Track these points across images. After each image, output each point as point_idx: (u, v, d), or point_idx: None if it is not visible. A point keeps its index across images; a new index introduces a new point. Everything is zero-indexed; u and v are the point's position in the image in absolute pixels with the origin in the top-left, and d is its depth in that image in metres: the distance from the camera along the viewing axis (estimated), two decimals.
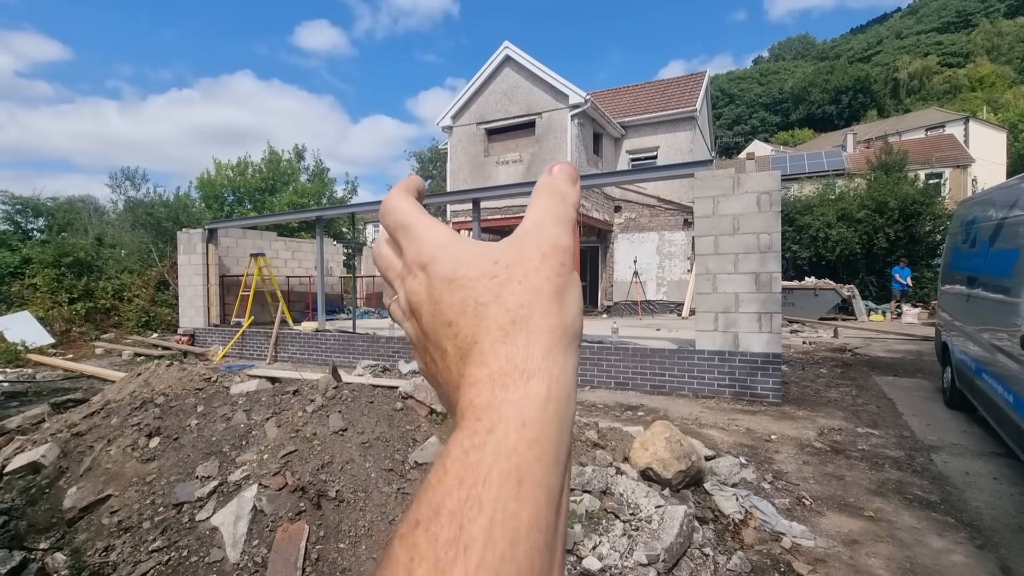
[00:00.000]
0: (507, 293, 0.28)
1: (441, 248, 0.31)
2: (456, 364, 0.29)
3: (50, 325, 13.24)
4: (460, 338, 0.28)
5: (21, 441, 4.23)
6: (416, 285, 0.31)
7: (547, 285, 0.29)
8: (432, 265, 0.31)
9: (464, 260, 0.30)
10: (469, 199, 9.48)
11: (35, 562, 2.90)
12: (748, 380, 6.48)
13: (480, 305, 0.28)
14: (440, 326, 0.29)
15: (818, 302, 14.93)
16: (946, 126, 34.14)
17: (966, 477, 4.10)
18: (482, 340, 0.28)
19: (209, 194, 23.27)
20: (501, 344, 0.27)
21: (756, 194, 6.39)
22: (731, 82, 72.48)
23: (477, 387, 0.26)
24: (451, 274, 0.30)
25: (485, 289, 0.29)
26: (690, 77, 19.29)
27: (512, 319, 0.28)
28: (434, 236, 0.32)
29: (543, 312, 0.28)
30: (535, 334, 0.27)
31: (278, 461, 3.12)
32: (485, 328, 0.28)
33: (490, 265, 0.29)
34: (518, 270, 0.29)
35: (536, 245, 0.30)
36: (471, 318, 0.28)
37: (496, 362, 0.27)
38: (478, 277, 0.29)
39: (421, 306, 0.31)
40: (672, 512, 2.99)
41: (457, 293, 0.29)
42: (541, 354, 0.27)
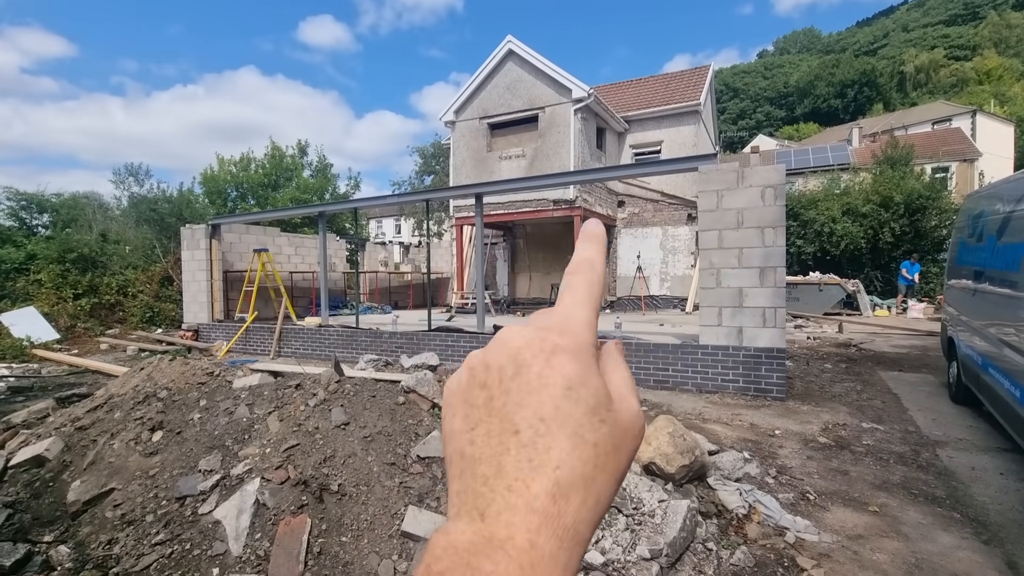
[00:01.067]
0: (603, 447, 0.28)
1: (583, 351, 0.30)
2: (521, 462, 0.27)
3: (55, 321, 13.30)
4: (543, 444, 0.27)
5: (26, 435, 4.25)
6: (535, 354, 0.29)
7: (624, 464, 0.29)
8: (564, 356, 0.29)
9: (590, 382, 0.29)
10: (472, 194, 9.45)
11: (39, 555, 2.91)
12: (752, 375, 6.45)
13: (580, 437, 0.27)
14: (530, 411, 0.28)
15: (822, 297, 14.86)
16: (953, 120, 33.85)
17: (972, 472, 4.07)
18: (564, 470, 0.26)
19: (212, 190, 23.30)
20: (576, 492, 0.26)
21: (761, 188, 6.34)
22: (735, 76, 72.00)
23: (539, 520, 0.25)
24: (573, 382, 0.28)
25: (590, 427, 0.28)
26: (694, 71, 19.14)
27: (594, 477, 0.27)
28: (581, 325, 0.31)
29: (608, 486, 0.28)
30: (600, 503, 0.27)
31: (280, 455, 3.12)
32: (571, 463, 0.27)
33: (603, 408, 0.28)
34: (617, 433, 0.29)
35: (633, 420, 0.30)
36: (566, 438, 0.27)
37: (566, 507, 0.26)
38: (592, 410, 0.28)
39: (522, 374, 0.29)
40: (675, 506, 2.97)
41: (567, 403, 0.28)
42: (593, 523, 0.27)
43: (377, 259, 20.88)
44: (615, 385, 0.31)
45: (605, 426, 0.28)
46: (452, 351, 8.61)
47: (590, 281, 0.33)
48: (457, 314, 13.10)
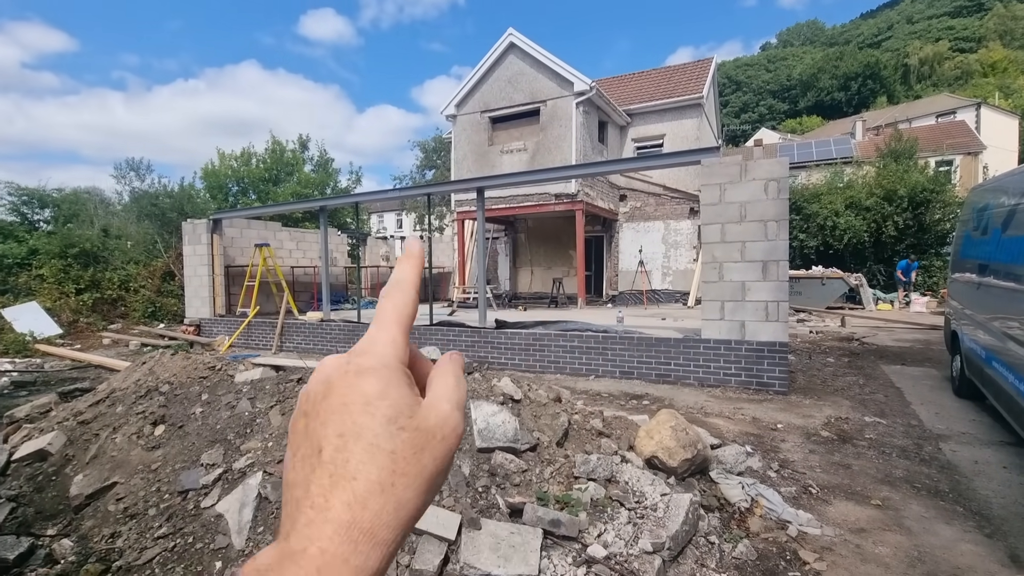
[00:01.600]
0: (402, 453, 0.29)
1: (385, 367, 0.32)
2: (323, 479, 0.28)
3: (58, 315, 13.33)
4: (342, 458, 0.29)
5: (29, 429, 4.26)
6: (340, 378, 0.31)
7: (432, 466, 0.30)
8: (366, 375, 0.31)
9: (390, 394, 0.31)
10: (473, 188, 9.42)
11: (43, 548, 2.92)
12: (754, 369, 6.44)
13: (376, 446, 0.29)
14: (331, 430, 0.29)
15: (825, 291, 14.82)
16: (957, 112, 33.62)
17: (975, 466, 4.06)
18: (360, 480, 0.28)
19: (213, 184, 23.26)
20: (374, 498, 0.28)
21: (764, 181, 6.31)
22: (738, 69, 71.56)
23: (334, 528, 0.27)
24: (372, 397, 0.30)
25: (387, 435, 0.29)
26: (697, 64, 19.02)
27: (393, 482, 0.29)
28: (383, 346, 0.33)
29: (416, 490, 0.29)
30: (402, 506, 0.29)
31: (283, 448, 3.12)
32: (367, 471, 0.28)
33: (404, 416, 0.30)
34: (420, 438, 0.30)
35: (442, 424, 0.32)
36: (362, 450, 0.29)
37: (361, 513, 0.28)
38: (389, 420, 0.30)
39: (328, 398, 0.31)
40: (677, 500, 2.97)
41: (364, 418, 0.30)
42: (395, 527, 0.28)
43: (378, 254, 20.87)
44: (432, 394, 0.33)
45: (404, 432, 0.30)
46: (454, 345, 8.60)
47: (396, 303, 0.35)
48: (459, 308, 13.10)
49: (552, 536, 2.53)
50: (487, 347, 8.38)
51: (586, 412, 3.98)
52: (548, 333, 7.88)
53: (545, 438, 3.29)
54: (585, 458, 3.16)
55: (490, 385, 3.65)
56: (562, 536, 2.53)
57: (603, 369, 7.48)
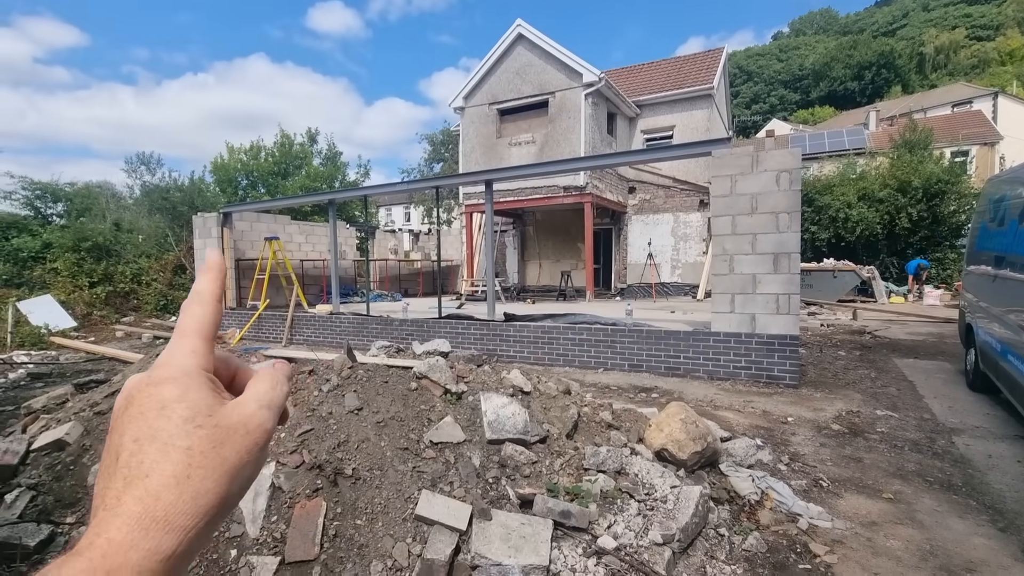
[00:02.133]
0: (198, 448, 0.31)
1: (182, 374, 0.33)
2: (118, 483, 0.29)
3: (72, 308, 13.53)
4: (136, 460, 0.30)
5: (46, 420, 4.34)
6: (139, 390, 0.33)
7: (233, 459, 0.32)
8: (162, 384, 0.33)
9: (187, 397, 0.32)
10: (481, 181, 9.40)
11: (62, 535, 2.99)
12: (764, 362, 6.40)
13: (171, 444, 0.30)
14: (128, 437, 0.31)
15: (837, 284, 14.67)
16: (973, 102, 32.99)
17: (989, 460, 4.02)
18: (154, 476, 0.29)
19: (223, 178, 23.41)
20: (168, 491, 0.29)
21: (775, 173, 6.24)
22: (749, 59, 70.55)
23: (122, 520, 0.28)
24: (168, 401, 0.32)
25: (183, 433, 0.31)
26: (707, 53, 18.78)
27: (189, 475, 0.30)
28: (183, 356, 0.34)
29: (217, 480, 0.31)
30: (201, 495, 0.30)
31: (295, 439, 3.16)
32: (162, 467, 0.29)
33: (202, 415, 0.32)
34: (220, 433, 0.32)
35: (246, 420, 0.34)
36: (156, 450, 0.30)
37: (153, 504, 0.28)
38: (185, 419, 0.31)
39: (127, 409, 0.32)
40: (687, 492, 2.97)
41: (160, 421, 0.31)
42: (194, 514, 0.29)
43: (387, 247, 20.93)
44: (242, 396, 0.35)
45: (202, 430, 0.31)
46: (463, 338, 8.63)
47: (195, 315, 0.37)
48: (467, 302, 13.13)
49: (562, 527, 2.54)
50: (496, 340, 8.39)
51: (595, 405, 3.98)
52: (557, 326, 7.87)
53: (555, 430, 3.30)
54: (595, 450, 3.17)
55: (499, 377, 3.67)
56: (572, 527, 2.55)
57: (612, 362, 7.48)
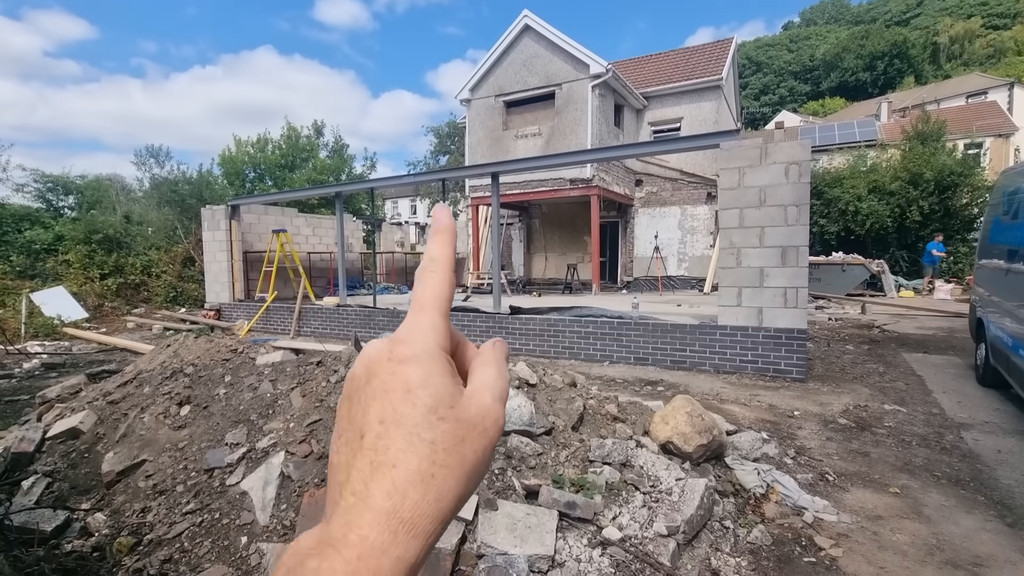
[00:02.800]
0: (442, 444, 0.29)
1: (426, 354, 0.31)
2: (364, 465, 0.29)
3: (83, 300, 13.70)
4: (382, 444, 0.29)
5: (61, 408, 4.42)
6: (382, 364, 0.31)
7: (472, 457, 0.30)
8: (407, 363, 0.31)
9: (431, 382, 0.30)
10: (488, 173, 9.38)
11: (78, 521, 3.05)
12: (771, 356, 6.38)
13: (416, 435, 0.29)
14: (373, 416, 0.30)
15: (845, 278, 14.54)
16: (988, 93, 32.41)
17: (998, 455, 3.99)
18: (400, 468, 0.28)
19: (231, 171, 23.52)
20: (413, 488, 0.28)
21: (784, 165, 6.18)
22: (759, 49, 69.60)
23: (374, 516, 0.27)
24: (413, 384, 0.30)
25: (428, 425, 0.29)
26: (716, 44, 18.56)
27: (432, 473, 0.28)
28: (424, 332, 0.32)
29: (456, 480, 0.29)
30: (441, 497, 0.29)
31: (304, 429, 3.20)
32: (408, 460, 0.28)
33: (444, 406, 0.30)
34: (461, 428, 0.30)
35: (484, 415, 0.31)
36: (402, 438, 0.29)
37: (401, 502, 0.27)
38: (430, 409, 0.30)
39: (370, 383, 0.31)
40: (693, 485, 2.98)
41: (404, 406, 0.30)
42: (434, 518, 0.28)
43: (393, 239, 20.97)
44: (474, 384, 0.33)
45: (445, 423, 0.29)
46: (468, 331, 8.66)
47: (431, 284, 0.34)
48: (473, 294, 13.15)
49: (568, 518, 2.56)
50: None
51: (601, 397, 4.00)
52: (562, 319, 7.88)
53: (560, 422, 3.32)
54: (600, 442, 3.18)
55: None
56: (577, 518, 2.57)
57: (618, 355, 7.48)
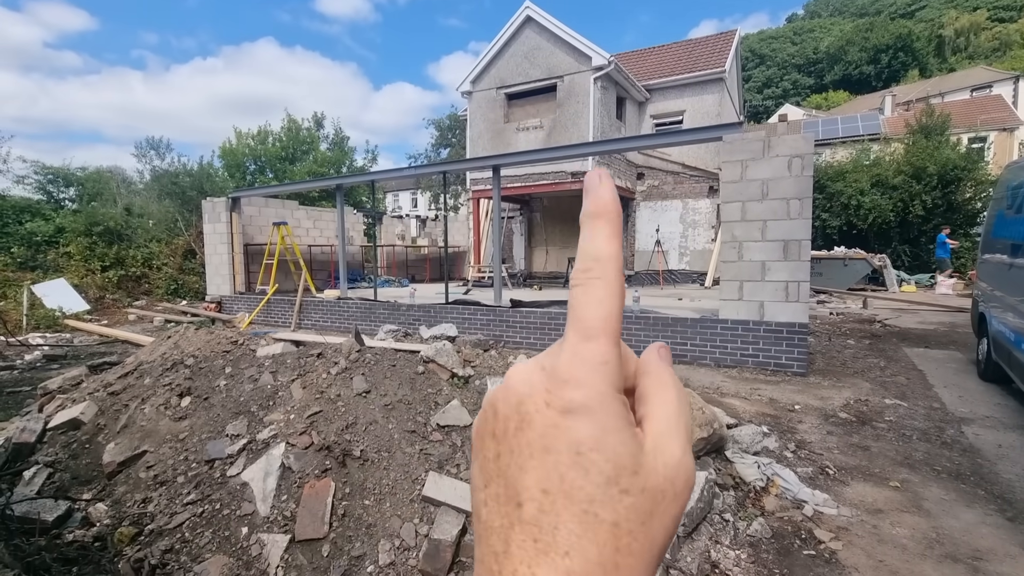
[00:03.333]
0: (627, 525, 0.23)
1: (599, 403, 0.24)
2: (525, 541, 0.23)
3: (85, 292, 13.72)
4: (547, 523, 0.23)
5: (62, 400, 4.43)
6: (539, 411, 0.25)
7: (662, 535, 0.24)
8: (575, 415, 0.24)
9: (607, 443, 0.24)
10: (489, 166, 9.34)
11: (79, 511, 3.06)
12: (772, 350, 6.37)
13: (593, 516, 0.23)
14: (532, 481, 0.24)
15: (847, 272, 14.51)
16: (993, 86, 32.20)
17: (999, 450, 3.99)
18: (575, 558, 0.22)
19: (231, 163, 23.47)
20: (600, 568, 0.22)
21: (787, 158, 6.14)
22: (762, 42, 69.10)
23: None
24: (585, 446, 0.23)
25: (608, 501, 0.23)
26: (719, 36, 18.41)
27: (616, 564, 0.22)
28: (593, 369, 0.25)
29: (644, 571, 0.23)
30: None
31: (304, 421, 3.20)
32: (584, 549, 0.22)
33: (627, 474, 0.23)
34: (647, 501, 0.23)
35: (674, 476, 0.24)
36: (574, 518, 0.23)
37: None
38: (609, 480, 0.23)
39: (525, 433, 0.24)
40: None
41: (575, 472, 0.23)
42: None
43: (394, 233, 20.95)
44: (654, 427, 0.25)
45: (628, 497, 0.23)
46: (469, 324, 8.66)
47: (601, 297, 0.26)
48: (474, 288, 13.15)
49: None
50: (502, 326, 8.41)
51: None
52: (564, 312, 7.83)
53: None
54: None
55: (506, 362, 3.68)
56: None
57: None
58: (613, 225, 0.27)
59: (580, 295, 0.26)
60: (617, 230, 0.27)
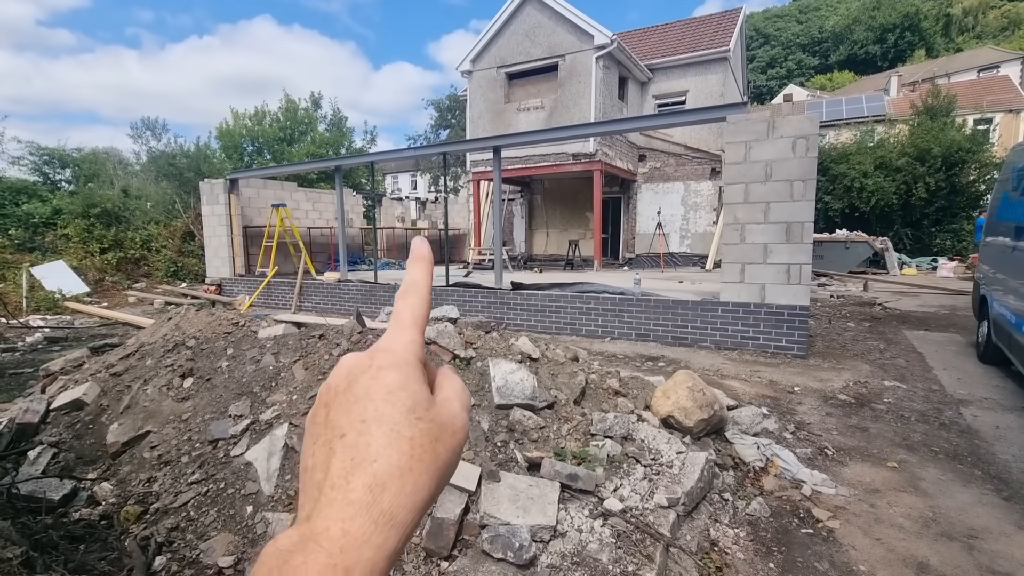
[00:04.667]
0: (419, 440, 0.31)
1: (405, 364, 0.34)
2: (344, 461, 0.30)
3: (84, 274, 13.69)
4: (363, 441, 0.30)
5: (64, 381, 4.44)
6: (363, 371, 0.33)
7: (444, 455, 0.32)
8: (388, 370, 0.33)
9: (409, 387, 0.32)
10: (489, 147, 9.24)
11: (84, 490, 3.09)
12: (773, 332, 6.38)
13: (396, 432, 0.30)
14: (354, 417, 0.31)
15: (849, 255, 14.48)
16: (1000, 67, 31.75)
17: (996, 431, 4.02)
18: (380, 463, 0.29)
19: (228, 144, 23.22)
20: (393, 481, 0.29)
21: (792, 139, 6.07)
22: (767, 20, 67.76)
23: (355, 509, 0.28)
24: (393, 388, 0.32)
25: (407, 423, 0.31)
26: (724, 14, 18.05)
27: (411, 467, 0.30)
28: (404, 345, 0.35)
29: (431, 476, 0.31)
30: (418, 490, 0.30)
31: (306, 401, 3.21)
32: (388, 456, 0.30)
33: (421, 408, 0.32)
34: (435, 429, 0.32)
35: (452, 419, 0.34)
36: (384, 434, 0.30)
37: (381, 495, 0.29)
38: (409, 409, 0.31)
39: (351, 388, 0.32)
40: (693, 458, 3.01)
41: (386, 406, 0.31)
42: (412, 509, 0.30)
43: (394, 215, 20.82)
44: (443, 392, 0.35)
45: (422, 423, 0.31)
46: (470, 306, 8.66)
47: (412, 305, 0.37)
48: (474, 270, 13.12)
49: (569, 489, 2.58)
50: (503, 308, 8.42)
51: (603, 372, 4.00)
52: (564, 295, 7.86)
53: (562, 396, 3.33)
54: (602, 416, 3.19)
55: (508, 344, 3.68)
56: (579, 490, 2.59)
57: (619, 331, 7.49)
58: (426, 265, 0.40)
59: (399, 303, 0.37)
60: (429, 268, 0.40)
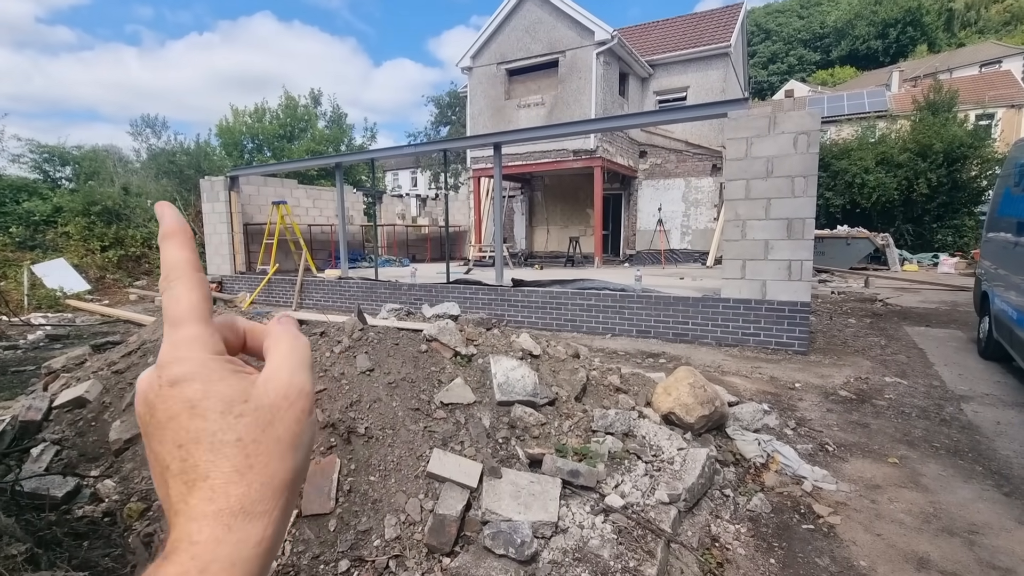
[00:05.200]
0: (249, 436, 0.30)
1: (198, 366, 0.31)
2: (179, 488, 0.29)
3: (85, 272, 13.70)
4: (189, 465, 0.29)
5: (66, 378, 4.45)
6: (156, 394, 0.31)
7: (287, 434, 0.31)
8: (181, 384, 0.30)
9: (213, 391, 0.30)
10: (490, 144, 9.22)
11: (88, 487, 3.10)
12: (774, 329, 6.38)
13: (218, 441, 0.29)
14: (169, 445, 0.30)
15: (850, 251, 14.47)
16: (1003, 62, 31.62)
17: (997, 427, 4.03)
18: (214, 475, 0.28)
19: (228, 141, 23.17)
20: (234, 485, 0.28)
21: (793, 135, 6.05)
22: (768, 16, 67.45)
23: (199, 523, 0.28)
24: (195, 400, 0.30)
25: (227, 427, 0.29)
26: (725, 10, 17.97)
27: (250, 464, 0.29)
28: (186, 347, 0.31)
29: (280, 459, 0.30)
30: (269, 479, 0.29)
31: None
32: (219, 466, 0.29)
33: (238, 403, 0.30)
34: (264, 415, 0.30)
35: (285, 393, 0.32)
36: (205, 451, 0.29)
37: (225, 501, 0.28)
38: (222, 412, 0.30)
39: (154, 415, 0.30)
40: (694, 454, 3.01)
41: (195, 421, 0.29)
42: (270, 497, 0.29)
43: (394, 212, 20.82)
44: (268, 368, 0.33)
45: (244, 418, 0.30)
46: (471, 303, 8.66)
47: (179, 296, 0.32)
48: (475, 267, 13.12)
49: (571, 486, 2.59)
50: (504, 305, 8.42)
51: (604, 369, 4.01)
52: (565, 292, 7.86)
53: (563, 393, 3.33)
54: (603, 412, 3.20)
55: (509, 341, 3.68)
56: (580, 486, 2.60)
57: (620, 328, 7.49)
58: (182, 238, 0.33)
59: (166, 299, 0.32)
60: (187, 241, 0.34)
